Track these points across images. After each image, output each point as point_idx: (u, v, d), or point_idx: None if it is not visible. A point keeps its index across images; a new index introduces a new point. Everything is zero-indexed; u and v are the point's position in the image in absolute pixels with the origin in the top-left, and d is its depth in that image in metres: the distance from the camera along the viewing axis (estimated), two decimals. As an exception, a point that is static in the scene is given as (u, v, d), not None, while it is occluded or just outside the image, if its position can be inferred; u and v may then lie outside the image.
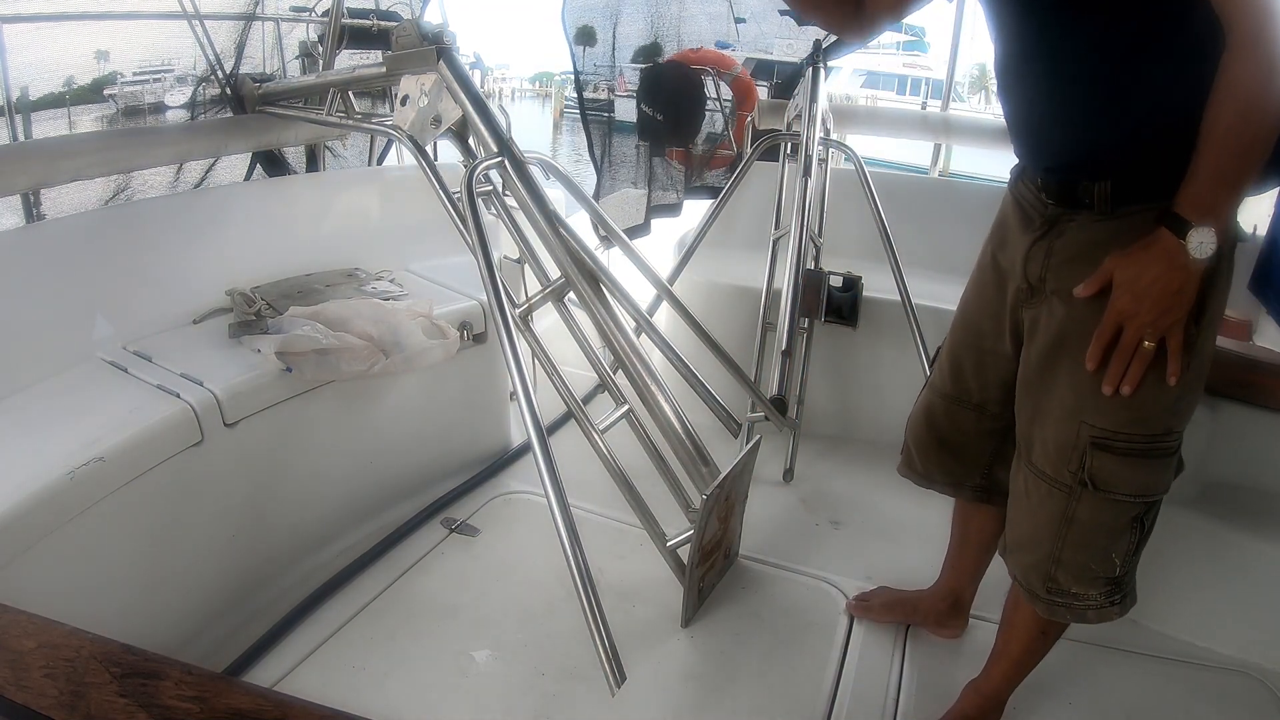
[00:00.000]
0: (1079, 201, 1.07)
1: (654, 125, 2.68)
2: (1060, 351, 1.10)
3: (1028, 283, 1.14)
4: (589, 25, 2.47)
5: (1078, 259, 1.07)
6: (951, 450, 1.39)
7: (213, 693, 0.46)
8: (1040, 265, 1.12)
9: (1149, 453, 1.07)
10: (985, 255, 1.28)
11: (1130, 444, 1.06)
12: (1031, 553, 1.18)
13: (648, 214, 2.76)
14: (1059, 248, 1.10)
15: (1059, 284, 1.09)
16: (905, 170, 3.64)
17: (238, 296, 1.80)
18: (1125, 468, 1.07)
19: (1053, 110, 1.07)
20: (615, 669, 1.14)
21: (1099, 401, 1.06)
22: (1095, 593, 1.15)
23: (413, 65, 1.53)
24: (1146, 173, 1.00)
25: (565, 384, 1.52)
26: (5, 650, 0.48)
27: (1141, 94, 0.98)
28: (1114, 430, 1.06)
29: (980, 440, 1.35)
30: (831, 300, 2.21)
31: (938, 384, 1.39)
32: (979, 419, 1.33)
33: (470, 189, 1.41)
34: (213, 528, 1.52)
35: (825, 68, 2.45)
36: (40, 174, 1.69)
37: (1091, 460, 1.08)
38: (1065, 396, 1.10)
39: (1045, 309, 1.12)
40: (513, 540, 1.84)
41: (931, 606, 1.59)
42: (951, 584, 1.57)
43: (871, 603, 1.65)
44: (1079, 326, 1.06)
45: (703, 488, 1.53)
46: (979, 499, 1.41)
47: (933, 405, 1.39)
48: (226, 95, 2.14)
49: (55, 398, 1.45)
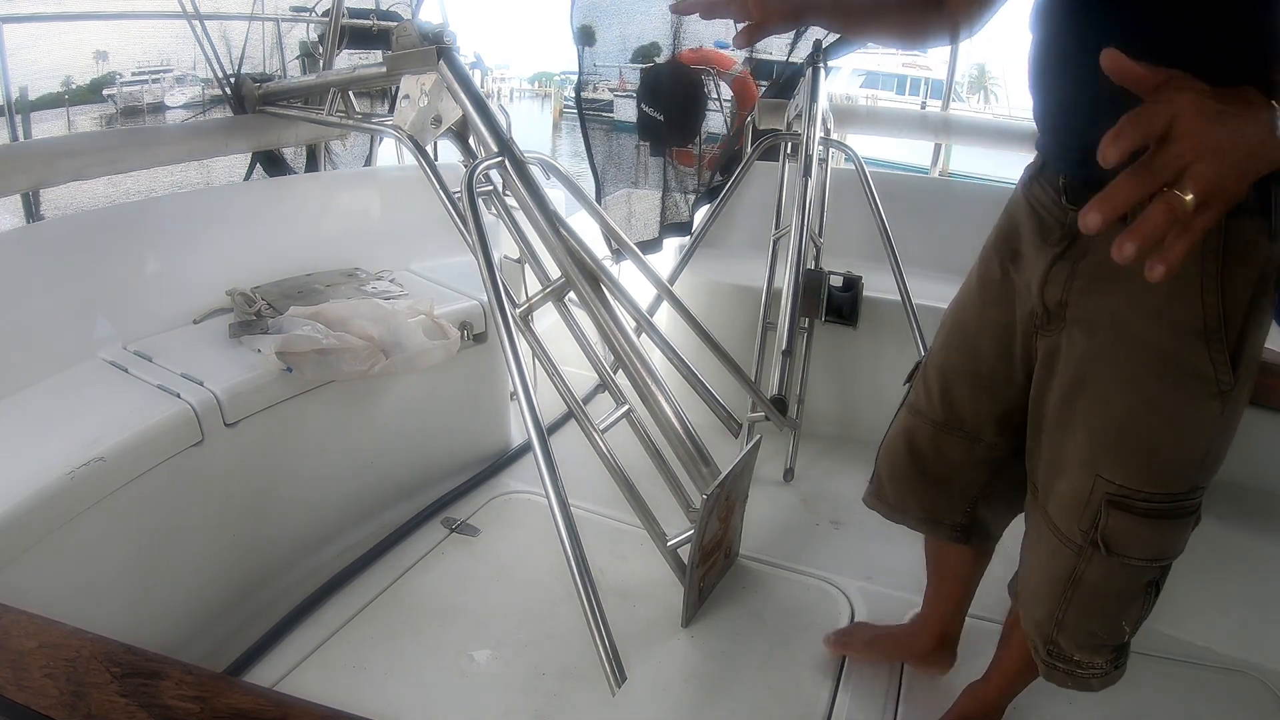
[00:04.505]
0: None
1: (654, 125, 2.68)
2: (1079, 392, 0.96)
3: (1045, 307, 0.99)
4: (590, 25, 2.46)
5: (1107, 283, 0.92)
6: (935, 483, 1.24)
7: (213, 692, 0.46)
8: (1061, 289, 0.96)
9: (1171, 513, 0.95)
10: (989, 266, 1.11)
11: (1150, 503, 0.94)
12: (1036, 608, 1.08)
13: (662, 231, 2.76)
14: (1084, 269, 0.94)
15: (1082, 313, 0.95)
16: (905, 170, 3.64)
17: (238, 296, 1.80)
18: (1143, 529, 0.95)
19: (1105, 90, 0.80)
20: (615, 669, 1.14)
21: (1119, 454, 0.93)
22: (1101, 660, 1.06)
23: (413, 65, 1.53)
24: None
25: (565, 384, 1.52)
26: (5, 650, 0.48)
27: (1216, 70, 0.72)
28: (1133, 488, 0.93)
29: (969, 473, 1.21)
30: (831, 300, 2.21)
31: (922, 407, 1.22)
32: (971, 449, 1.18)
33: (470, 189, 1.41)
34: (213, 528, 1.52)
35: (825, 68, 2.45)
36: (40, 174, 1.69)
37: (1106, 520, 0.96)
38: (1080, 445, 0.97)
39: (1065, 340, 0.97)
40: (513, 540, 1.84)
41: (916, 644, 1.48)
42: (935, 622, 1.45)
43: (851, 640, 1.54)
44: (1103, 366, 0.93)
45: (703, 488, 1.53)
46: (955, 539, 1.27)
47: (915, 431, 1.23)
48: (226, 95, 2.14)
49: (55, 398, 1.45)
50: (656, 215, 2.76)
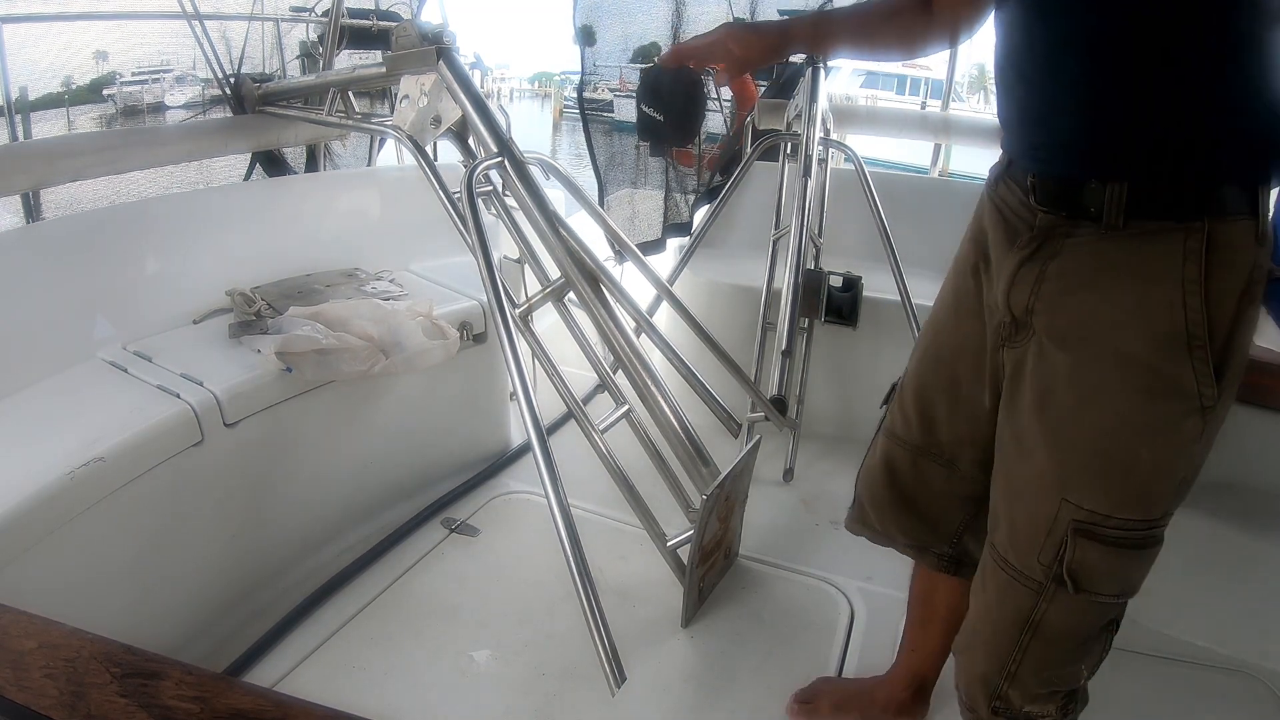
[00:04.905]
0: (1080, 209, 0.83)
1: (654, 126, 2.67)
2: (1045, 407, 0.87)
3: (1011, 315, 0.91)
4: (590, 25, 2.46)
5: (1078, 288, 0.85)
6: (916, 511, 1.15)
7: (213, 693, 0.46)
8: (1028, 293, 0.88)
9: (1143, 542, 0.86)
10: (963, 276, 1.03)
11: (1122, 530, 0.84)
12: (981, 660, 0.97)
13: (665, 231, 2.76)
14: (1054, 272, 0.86)
15: (1051, 320, 0.87)
16: (905, 170, 3.64)
17: (238, 296, 1.80)
18: (1114, 560, 0.86)
19: (1075, 80, 0.81)
20: (615, 669, 1.14)
21: (1088, 475, 0.84)
22: (1053, 708, 0.97)
23: (412, 65, 1.53)
24: (1184, 174, 0.78)
25: (565, 384, 1.52)
26: (5, 650, 0.48)
27: (1198, 63, 0.75)
28: (1104, 513, 0.84)
29: (949, 503, 1.12)
30: (831, 300, 2.21)
31: (900, 431, 1.13)
32: (949, 479, 1.09)
33: (470, 189, 1.41)
34: (213, 528, 1.52)
35: (825, 67, 2.45)
36: (40, 174, 1.68)
37: (1073, 550, 0.85)
38: (1044, 466, 0.87)
39: (1032, 351, 0.89)
40: (512, 540, 1.84)
41: (891, 696, 1.35)
42: (913, 667, 1.34)
43: (818, 705, 1.39)
44: (1073, 377, 0.85)
45: (703, 488, 1.53)
46: (945, 569, 1.18)
47: (894, 457, 1.14)
48: (226, 95, 2.14)
49: (55, 398, 1.45)
50: (659, 216, 2.76)
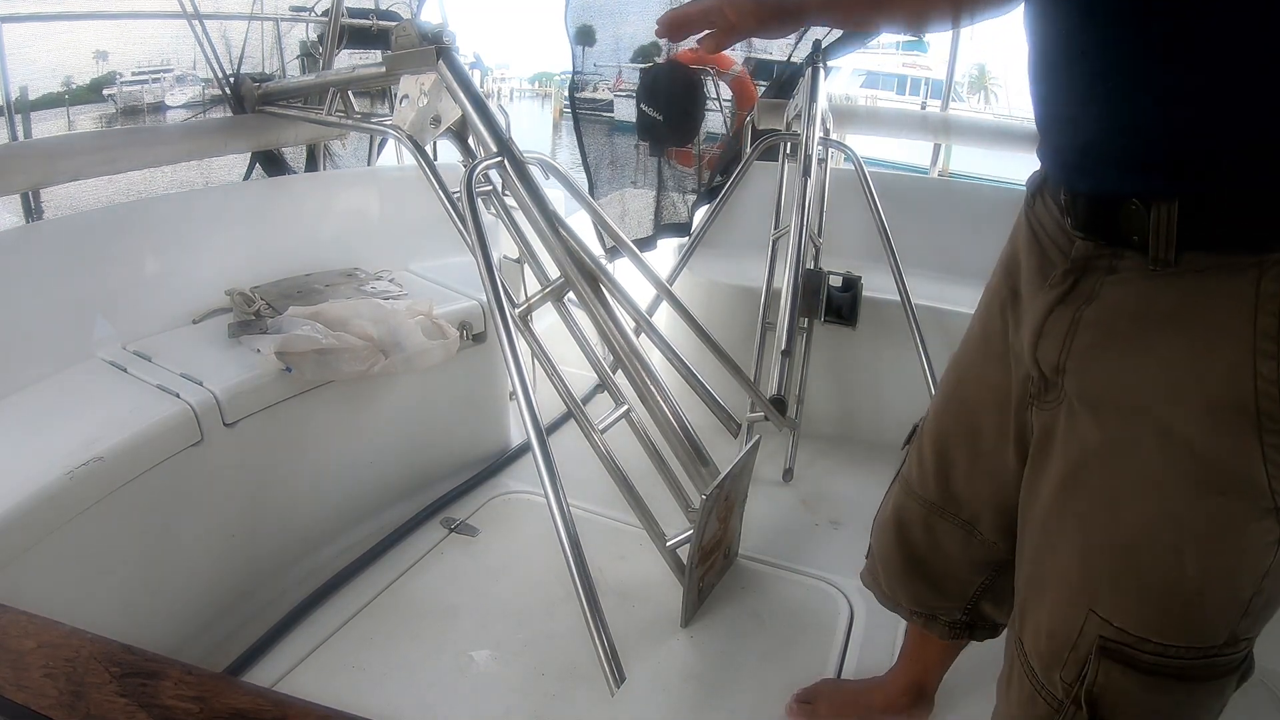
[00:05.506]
0: (1120, 234, 0.65)
1: (654, 125, 2.68)
2: (1074, 491, 0.71)
3: (1039, 370, 0.74)
4: (588, 25, 2.47)
5: (1119, 342, 0.66)
6: (926, 576, 1.02)
7: (213, 692, 0.46)
8: (1058, 347, 0.71)
9: (1193, 672, 0.67)
10: (991, 312, 0.86)
11: (1162, 658, 0.66)
12: None
13: (656, 231, 2.76)
14: (1089, 320, 0.68)
15: (1084, 384, 0.69)
16: (905, 170, 3.64)
17: (237, 296, 1.80)
18: (1148, 693, 0.68)
19: (1121, 77, 0.63)
20: (615, 669, 1.14)
21: (1121, 584, 0.67)
22: None
23: (412, 65, 1.53)
24: (1249, 193, 0.58)
25: (565, 384, 1.52)
26: (5, 650, 0.48)
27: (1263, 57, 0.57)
28: (1138, 635, 0.67)
29: (967, 570, 0.99)
30: (831, 300, 2.21)
31: (915, 483, 1.00)
32: (967, 544, 0.96)
33: (470, 189, 1.41)
34: (212, 527, 1.52)
35: (825, 67, 2.45)
36: (40, 174, 1.69)
37: (1096, 673, 0.69)
38: (1069, 564, 0.72)
39: (1063, 416, 0.72)
40: (512, 540, 1.84)
41: (889, 701, 1.32)
42: (913, 676, 1.29)
43: (817, 705, 1.37)
44: (1110, 459, 0.68)
45: (702, 488, 1.53)
46: (956, 636, 1.07)
47: (906, 512, 1.02)
48: (226, 95, 2.14)
49: (55, 397, 1.45)
50: (650, 213, 2.76)
